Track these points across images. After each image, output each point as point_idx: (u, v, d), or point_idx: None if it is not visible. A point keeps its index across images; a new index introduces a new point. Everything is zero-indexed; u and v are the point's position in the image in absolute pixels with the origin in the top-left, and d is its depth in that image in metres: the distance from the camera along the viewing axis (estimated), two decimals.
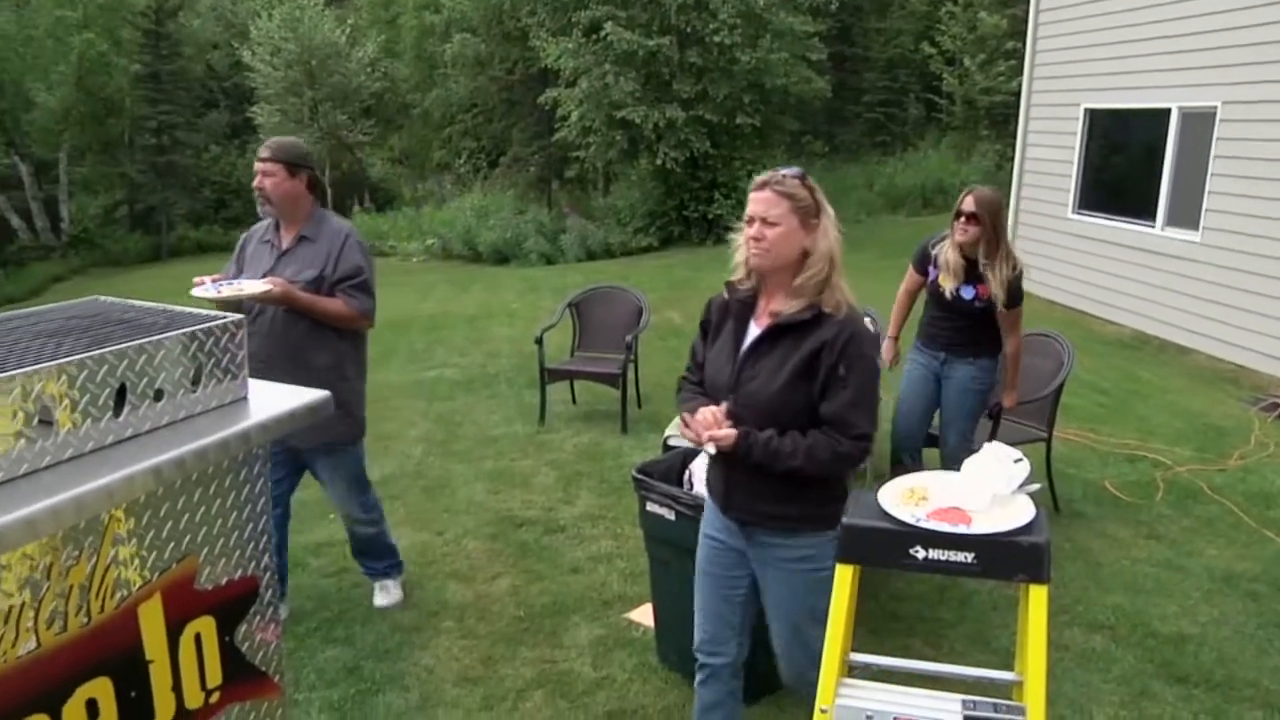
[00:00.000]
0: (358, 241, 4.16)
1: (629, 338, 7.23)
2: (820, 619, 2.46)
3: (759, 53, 19.57)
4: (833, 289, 2.70)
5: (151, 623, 1.86)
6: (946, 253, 4.82)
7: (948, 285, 4.84)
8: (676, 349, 9.08)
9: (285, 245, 4.13)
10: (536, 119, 25.58)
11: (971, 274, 4.78)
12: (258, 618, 2.14)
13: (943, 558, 2.17)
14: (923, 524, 2.22)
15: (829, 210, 2.75)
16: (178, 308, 2.11)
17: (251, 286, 3.84)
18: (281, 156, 4.04)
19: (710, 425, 2.70)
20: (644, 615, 4.42)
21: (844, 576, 2.29)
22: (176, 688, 1.94)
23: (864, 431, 2.67)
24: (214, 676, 2.03)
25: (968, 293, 4.79)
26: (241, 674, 2.11)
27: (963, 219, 4.72)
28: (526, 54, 25.00)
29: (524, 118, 27.28)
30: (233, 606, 2.06)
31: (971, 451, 2.59)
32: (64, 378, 1.68)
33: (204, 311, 2.06)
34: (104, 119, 30.63)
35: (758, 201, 2.71)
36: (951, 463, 4.52)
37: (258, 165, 4.07)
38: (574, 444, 6.96)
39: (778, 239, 2.68)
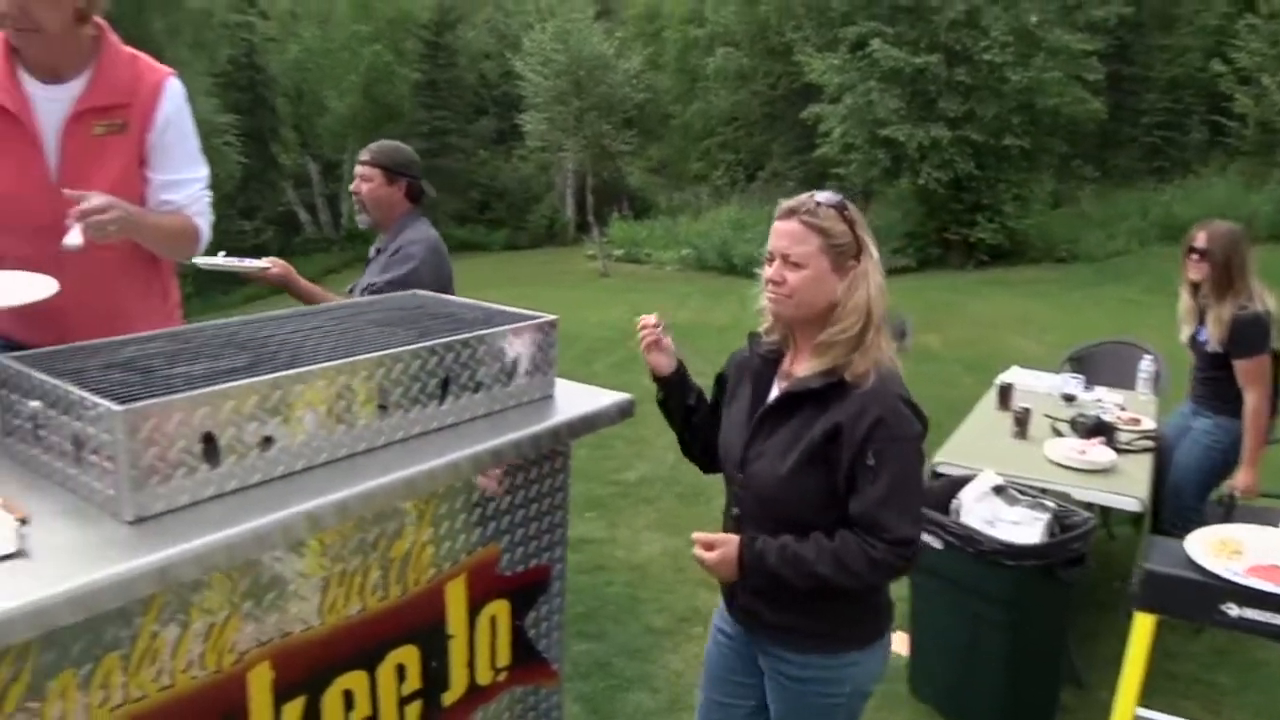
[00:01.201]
0: (405, 255, 3.67)
1: None
2: None
3: (1031, 72, 18.85)
4: (865, 351, 2.09)
5: (455, 601, 1.98)
6: (1181, 293, 4.43)
7: (1184, 329, 4.43)
8: (933, 374, 8.85)
9: (370, 254, 3.92)
10: (797, 134, 25.58)
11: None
12: (546, 606, 2.23)
13: (1260, 618, 2.02)
14: (1239, 579, 2.07)
15: (873, 251, 2.14)
16: (492, 305, 2.24)
17: (251, 263, 3.63)
18: (381, 160, 3.75)
19: (704, 544, 2.20)
20: (899, 643, 4.33)
21: (1143, 626, 2.17)
22: (470, 663, 2.06)
23: (902, 536, 2.06)
24: (503, 657, 2.13)
25: (1202, 335, 4.34)
26: (527, 658, 2.21)
27: (1194, 255, 4.27)
28: (789, 69, 25.06)
29: (784, 132, 27.33)
30: (526, 593, 2.17)
31: (1194, 524, 2.35)
32: (399, 365, 1.82)
33: (518, 310, 2.18)
34: (385, 123, 32.82)
35: (781, 234, 2.12)
36: (1170, 528, 4.16)
37: (356, 168, 3.79)
38: None
39: (801, 284, 2.09)
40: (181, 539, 1.46)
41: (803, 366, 2.17)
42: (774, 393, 2.23)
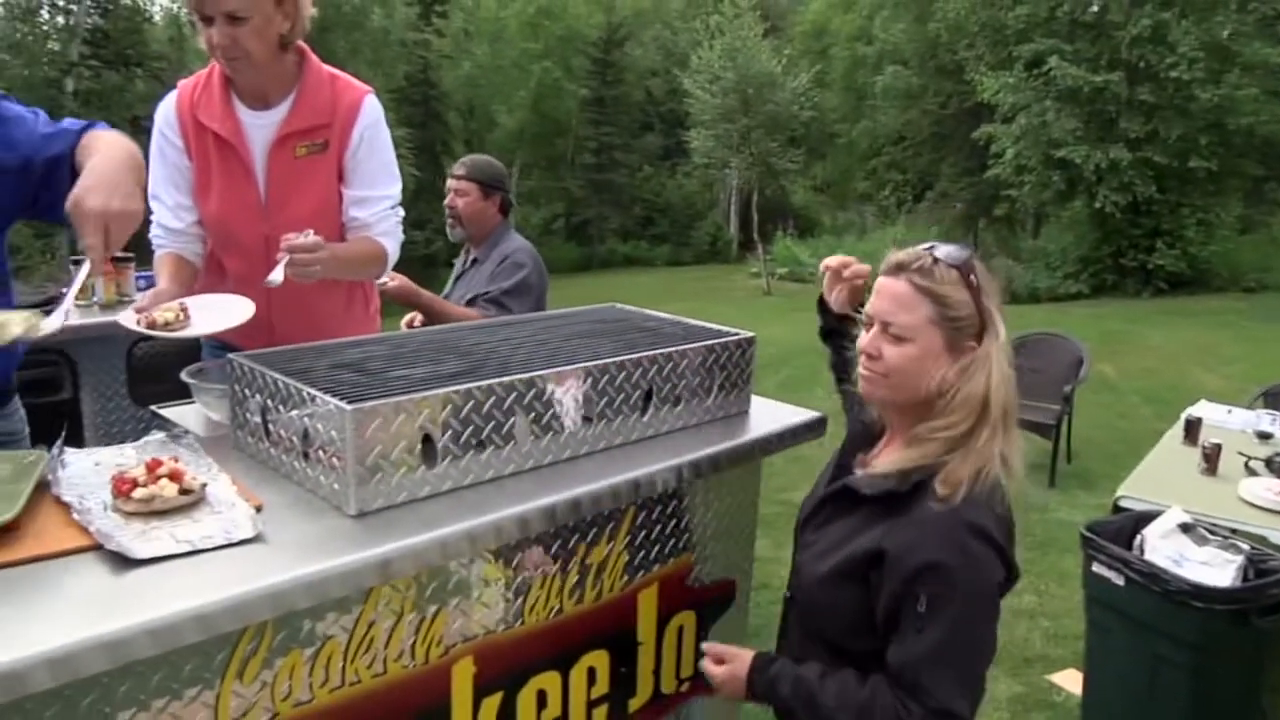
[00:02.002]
0: (515, 263, 3.74)
1: (1067, 389, 6.86)
2: None
3: (1223, 89, 17.91)
4: (969, 455, 1.66)
5: (646, 609, 2.01)
6: None
7: None
8: (1109, 404, 8.54)
9: (461, 268, 3.98)
10: (967, 154, 25.04)
11: None
12: (730, 620, 2.25)
13: None
14: None
15: (999, 330, 1.71)
16: (691, 321, 2.27)
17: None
18: (477, 175, 3.80)
19: (714, 657, 1.92)
20: (1070, 680, 4.19)
21: None
22: (656, 671, 2.08)
23: (947, 707, 1.61)
24: (687, 668, 2.15)
25: None
26: None
27: None
28: (960, 88, 24.57)
29: (953, 153, 26.78)
30: (713, 606, 2.18)
31: None
32: (605, 376, 1.87)
33: (717, 327, 2.20)
34: (552, 138, 33.63)
35: (885, 295, 1.73)
36: None
37: (450, 183, 3.83)
38: None
39: (902, 362, 1.70)
40: (401, 535, 1.53)
41: (887, 459, 1.78)
42: (848, 476, 1.86)
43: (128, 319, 2.18)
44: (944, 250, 1.71)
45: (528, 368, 1.81)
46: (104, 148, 2.03)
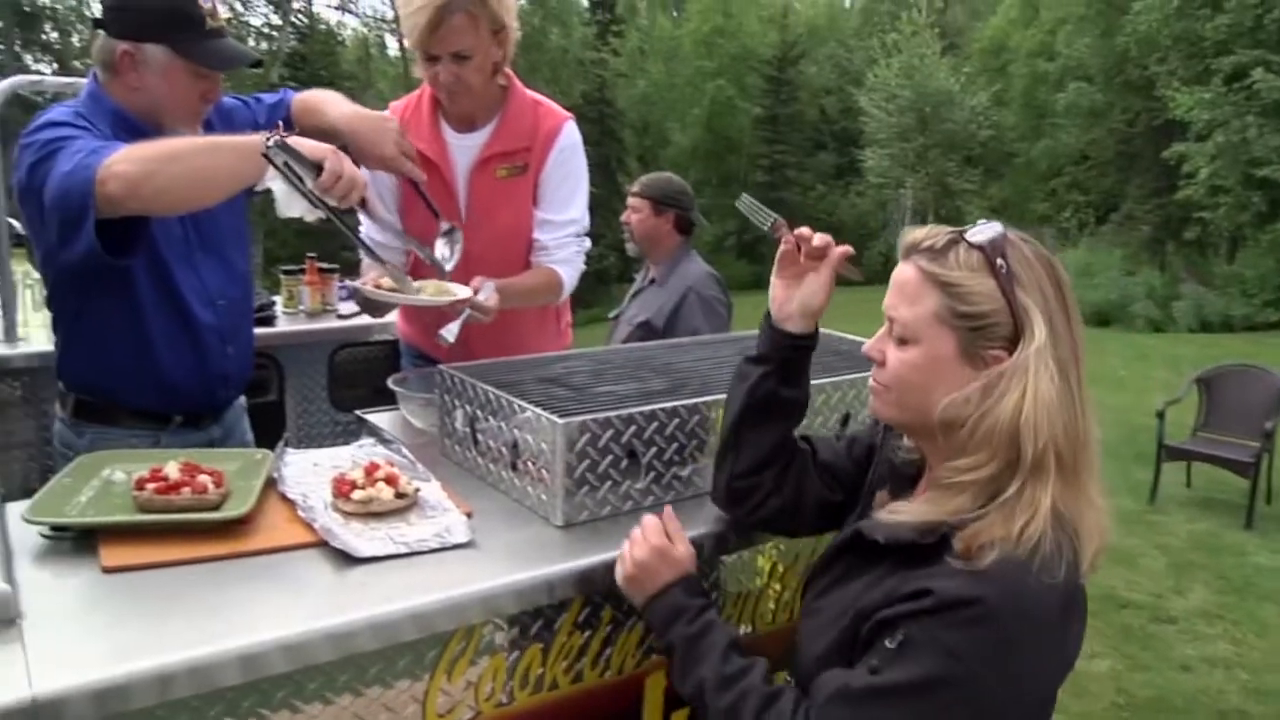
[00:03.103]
0: (700, 298, 3.67)
1: (1268, 425, 6.47)
2: None
3: None
4: (1009, 510, 1.22)
5: None
6: None
7: None
8: None
9: (638, 285, 3.96)
10: (1155, 175, 23.95)
11: None
12: None
13: None
14: None
15: (1039, 334, 1.25)
16: None
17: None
18: (649, 192, 3.83)
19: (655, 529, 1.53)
20: None
21: None
22: None
23: None
24: None
25: None
26: None
27: None
28: (1150, 104, 23.55)
29: (1141, 173, 25.65)
30: None
31: None
32: None
33: None
34: (725, 156, 33.72)
35: (893, 284, 1.36)
36: None
37: (628, 200, 3.89)
38: (1188, 530, 6.40)
39: (903, 370, 1.33)
40: (604, 547, 1.56)
41: (911, 506, 1.33)
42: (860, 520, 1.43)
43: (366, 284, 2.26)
44: (979, 229, 1.30)
45: None
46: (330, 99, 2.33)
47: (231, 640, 1.27)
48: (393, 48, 31.14)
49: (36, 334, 3.21)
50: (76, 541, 1.55)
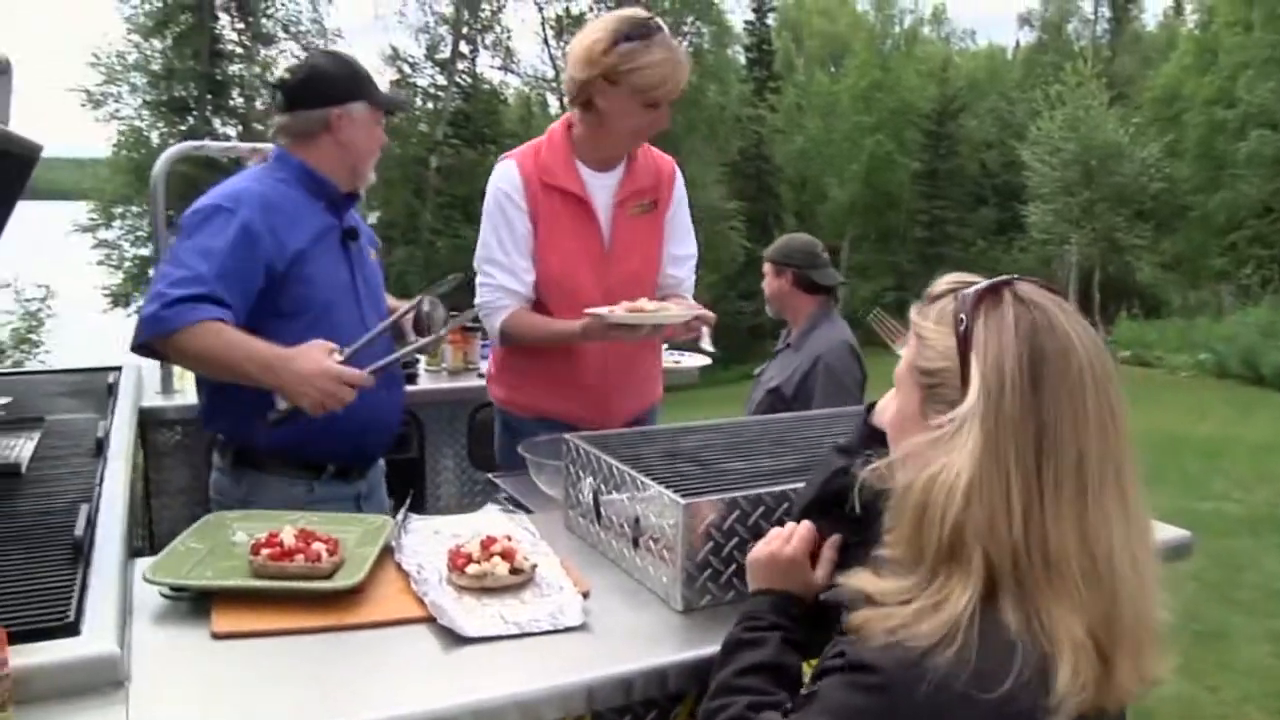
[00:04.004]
0: (827, 368, 3.50)
1: None
2: None
3: None
4: (934, 603, 1.05)
5: None
6: None
7: None
8: None
9: (778, 346, 3.90)
10: None
11: None
12: None
13: None
14: None
15: (971, 401, 1.07)
16: None
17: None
18: (769, 254, 3.81)
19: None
20: None
21: None
22: None
23: None
24: None
25: None
26: None
27: None
28: None
29: None
30: None
31: None
32: None
33: None
34: (884, 211, 33.28)
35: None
36: None
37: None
38: None
39: (885, 419, 1.26)
40: (720, 637, 1.45)
41: (860, 573, 1.16)
42: None
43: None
44: (985, 280, 1.16)
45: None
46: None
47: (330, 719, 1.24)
48: (553, 105, 31.90)
49: (191, 386, 3.31)
50: (195, 603, 1.56)
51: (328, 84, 2.36)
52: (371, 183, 2.53)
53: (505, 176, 2.59)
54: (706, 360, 4.09)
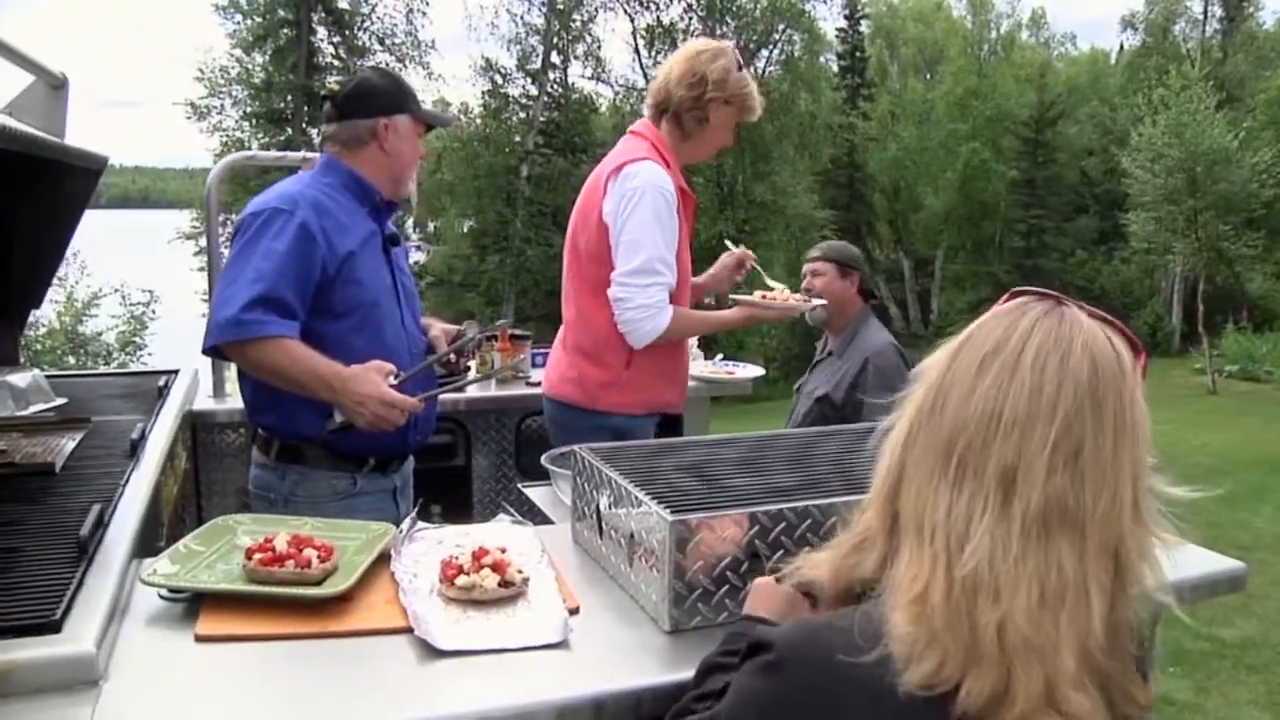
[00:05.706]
0: (877, 370, 3.50)
1: None
2: None
3: None
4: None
5: None
6: None
7: None
8: None
9: (817, 357, 3.82)
10: None
11: None
12: None
13: None
14: None
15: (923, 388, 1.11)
16: None
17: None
18: (833, 256, 3.75)
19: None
20: None
21: None
22: None
23: None
24: None
25: None
26: None
27: None
28: None
29: None
30: None
31: None
32: None
33: None
34: (979, 221, 32.62)
35: None
36: None
37: (806, 266, 3.77)
38: None
39: None
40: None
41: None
42: None
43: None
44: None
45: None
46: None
47: None
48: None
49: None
50: (191, 605, 1.56)
51: (376, 96, 2.48)
52: (411, 193, 2.61)
53: (663, 177, 2.74)
54: (760, 370, 4.05)
